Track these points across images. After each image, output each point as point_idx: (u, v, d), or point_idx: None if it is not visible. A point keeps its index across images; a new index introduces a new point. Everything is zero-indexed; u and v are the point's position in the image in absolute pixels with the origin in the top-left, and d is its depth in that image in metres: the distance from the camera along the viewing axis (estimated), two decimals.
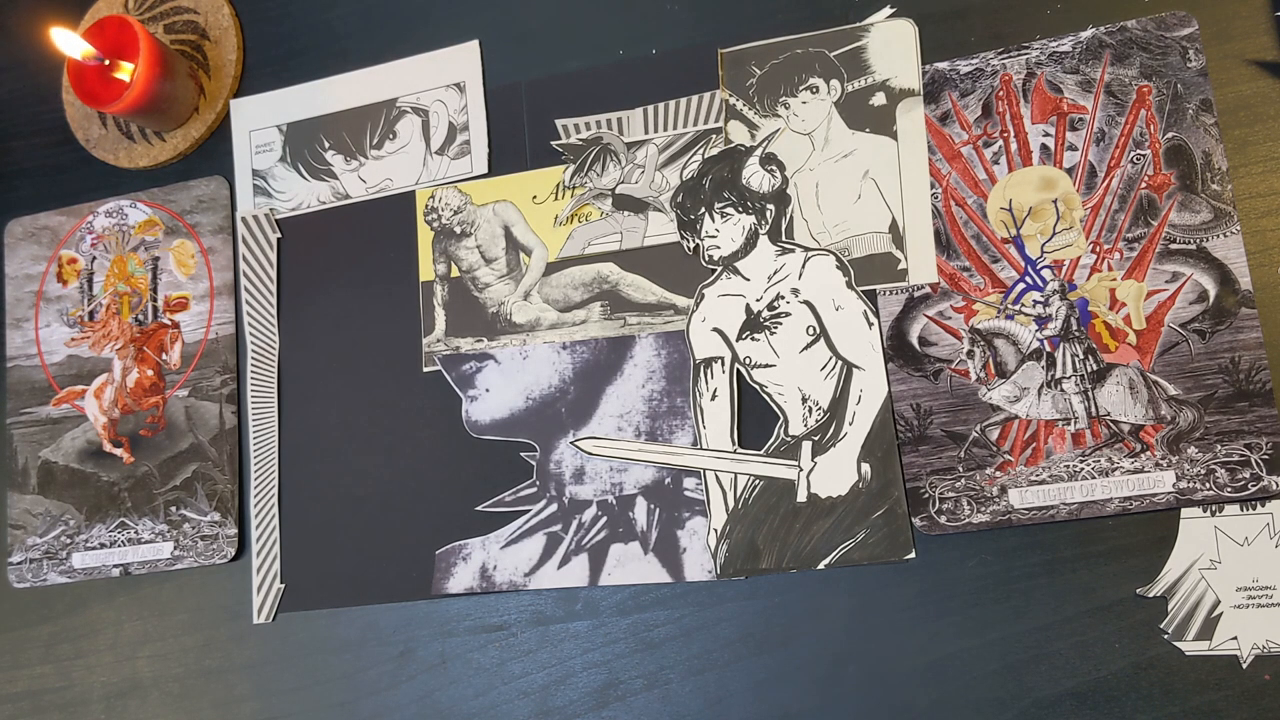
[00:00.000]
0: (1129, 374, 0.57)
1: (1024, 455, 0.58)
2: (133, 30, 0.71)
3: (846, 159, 0.63)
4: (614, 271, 0.66)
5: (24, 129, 0.81)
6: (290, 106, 0.74)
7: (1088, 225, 0.59)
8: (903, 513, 0.59)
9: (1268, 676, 0.54)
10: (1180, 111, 0.58)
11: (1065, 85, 0.60)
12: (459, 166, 0.70)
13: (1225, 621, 0.54)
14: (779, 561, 0.60)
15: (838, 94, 0.64)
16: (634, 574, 0.62)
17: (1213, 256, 0.57)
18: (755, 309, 0.63)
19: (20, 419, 0.75)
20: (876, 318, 0.61)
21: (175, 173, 0.76)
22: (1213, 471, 0.55)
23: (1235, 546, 0.55)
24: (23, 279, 0.77)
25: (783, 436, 0.61)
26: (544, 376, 0.66)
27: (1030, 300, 0.59)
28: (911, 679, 0.58)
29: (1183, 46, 0.59)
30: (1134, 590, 0.56)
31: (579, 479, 0.64)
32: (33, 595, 0.73)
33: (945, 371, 0.60)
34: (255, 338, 0.72)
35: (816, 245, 0.63)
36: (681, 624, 0.62)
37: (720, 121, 0.65)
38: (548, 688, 0.63)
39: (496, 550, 0.65)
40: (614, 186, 0.67)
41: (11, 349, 0.77)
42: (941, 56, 0.62)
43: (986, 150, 0.61)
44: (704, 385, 0.63)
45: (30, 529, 0.73)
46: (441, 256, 0.69)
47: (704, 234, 0.64)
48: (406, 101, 0.72)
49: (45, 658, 0.73)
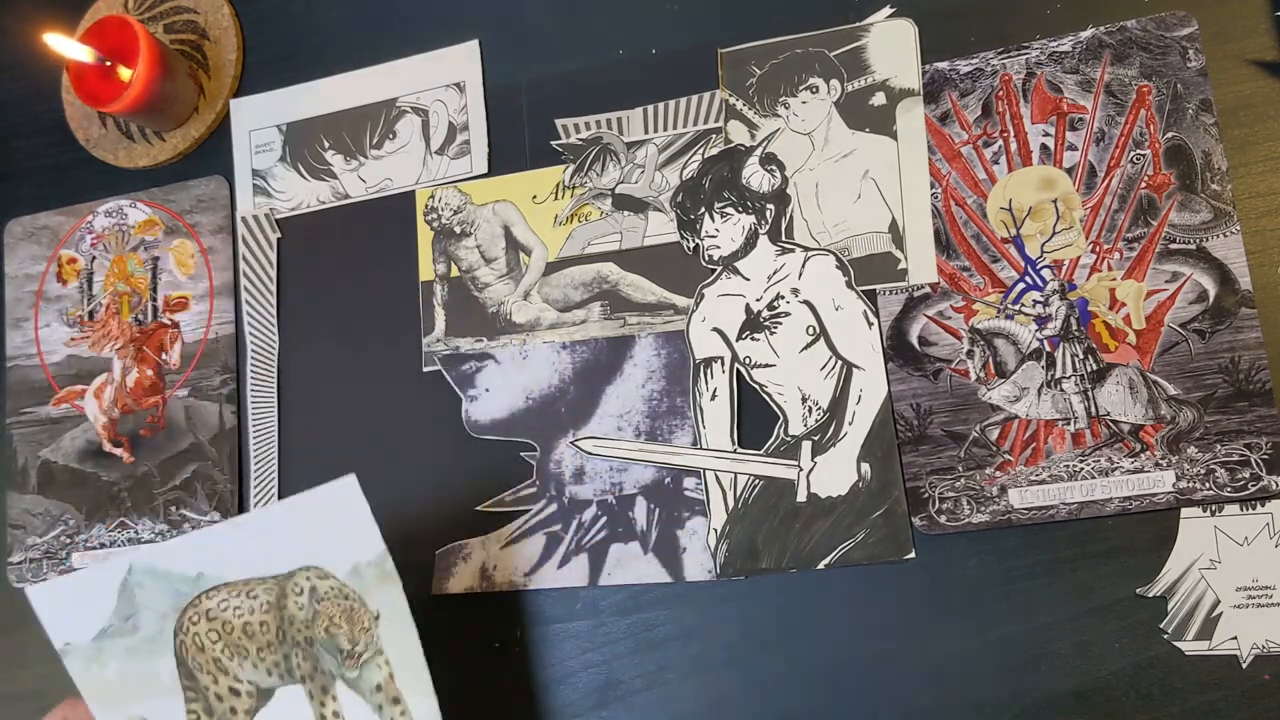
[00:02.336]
0: (1129, 374, 0.57)
1: (1024, 455, 0.58)
2: (133, 30, 0.70)
3: (846, 159, 0.63)
4: (614, 271, 0.66)
5: (24, 129, 0.81)
6: (290, 106, 0.74)
7: (1088, 225, 0.59)
8: (903, 512, 0.59)
9: (1267, 676, 0.54)
10: (1180, 111, 0.58)
11: (1065, 85, 0.60)
12: (459, 166, 0.70)
13: (1225, 621, 0.54)
14: (779, 561, 0.60)
15: (838, 94, 0.64)
16: (634, 574, 0.62)
17: (1212, 256, 0.57)
18: (755, 309, 0.63)
19: (20, 419, 0.75)
20: (876, 317, 0.61)
21: (175, 173, 0.76)
22: (1212, 471, 0.55)
23: (1235, 546, 0.55)
24: (22, 279, 0.77)
25: (783, 436, 0.61)
26: (544, 376, 0.66)
27: (1030, 300, 0.59)
28: (911, 679, 0.58)
29: (1183, 46, 0.59)
30: (1134, 590, 0.56)
31: (579, 479, 0.64)
32: None
33: (945, 371, 0.60)
34: (255, 338, 0.72)
35: (816, 245, 0.63)
36: (681, 624, 0.62)
37: (720, 121, 0.65)
38: (548, 688, 0.63)
39: (496, 550, 0.65)
40: (614, 186, 0.67)
41: (11, 349, 0.77)
42: (941, 56, 0.62)
43: (986, 150, 0.61)
44: (704, 385, 0.63)
45: (30, 529, 0.73)
46: (441, 256, 0.69)
47: (704, 234, 0.64)
48: (406, 101, 0.72)
49: (45, 657, 0.72)
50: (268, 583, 0.56)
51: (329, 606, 0.55)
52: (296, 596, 0.55)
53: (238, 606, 0.56)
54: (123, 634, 0.56)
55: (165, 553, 0.56)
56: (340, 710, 0.56)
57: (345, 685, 0.56)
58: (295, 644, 0.56)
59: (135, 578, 0.56)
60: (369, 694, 0.55)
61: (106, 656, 0.56)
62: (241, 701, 0.56)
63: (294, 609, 0.55)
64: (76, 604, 0.56)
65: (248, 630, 0.56)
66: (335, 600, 0.55)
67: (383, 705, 0.55)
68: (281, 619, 0.56)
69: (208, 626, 0.56)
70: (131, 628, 0.56)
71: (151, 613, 0.56)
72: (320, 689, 0.56)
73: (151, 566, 0.55)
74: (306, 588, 0.55)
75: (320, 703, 0.56)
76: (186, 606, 0.56)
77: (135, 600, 0.56)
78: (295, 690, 0.56)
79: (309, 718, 0.56)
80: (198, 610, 0.56)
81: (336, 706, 0.56)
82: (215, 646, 0.56)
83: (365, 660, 0.55)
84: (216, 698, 0.56)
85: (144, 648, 0.56)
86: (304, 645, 0.55)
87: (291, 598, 0.55)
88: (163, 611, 0.56)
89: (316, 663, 0.55)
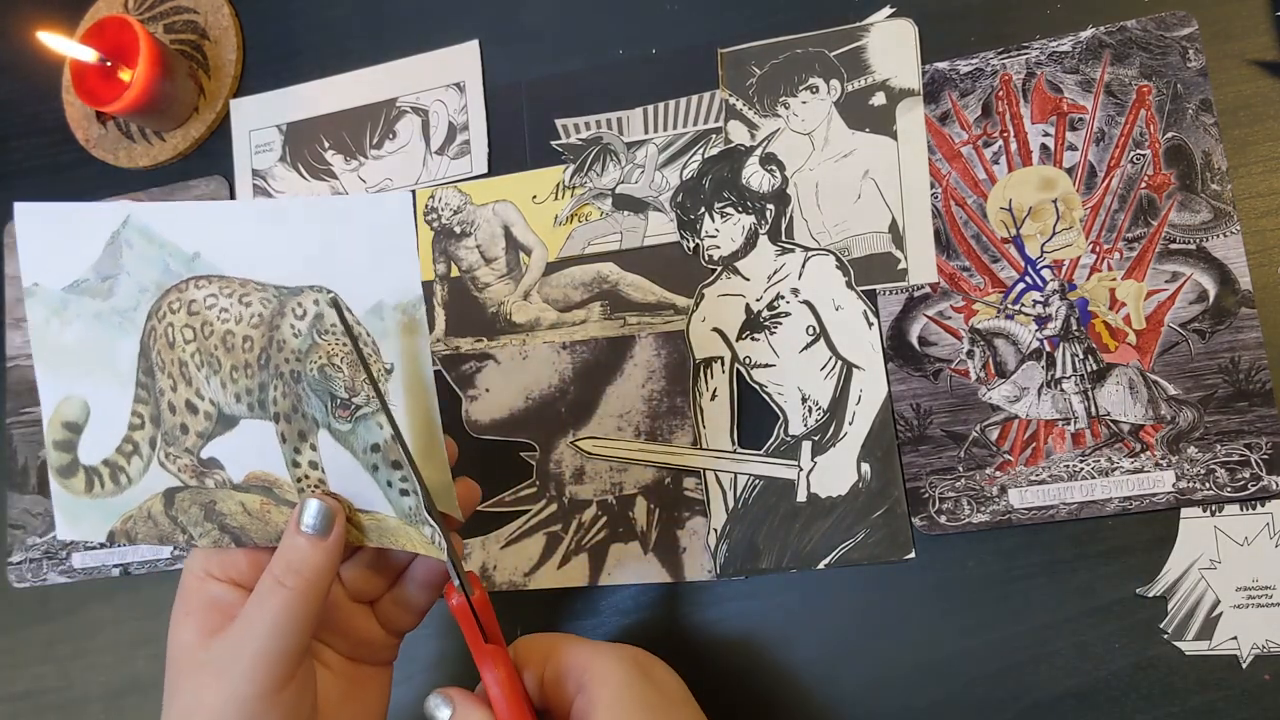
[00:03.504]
0: (1129, 374, 0.57)
1: (1024, 455, 0.58)
2: (133, 30, 0.71)
3: (846, 159, 0.63)
4: (614, 271, 0.66)
5: (24, 129, 0.81)
6: (290, 106, 0.74)
7: (1088, 225, 0.59)
8: (903, 513, 0.59)
9: (1267, 676, 0.54)
10: (1180, 111, 0.58)
11: (1065, 85, 0.60)
12: (459, 166, 0.70)
13: (1225, 621, 0.54)
14: (779, 561, 0.60)
15: (838, 94, 0.64)
16: (634, 574, 0.62)
17: (1213, 256, 0.57)
18: (755, 309, 0.63)
19: (20, 419, 0.75)
20: (876, 318, 0.61)
21: (175, 173, 0.76)
22: (1212, 471, 0.55)
23: (1235, 546, 0.55)
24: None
25: (783, 436, 0.61)
26: (544, 376, 0.66)
27: (1030, 300, 0.59)
28: (911, 679, 0.58)
29: (1183, 46, 0.59)
30: (1134, 590, 0.56)
31: (579, 479, 0.64)
32: (32, 595, 0.73)
33: (945, 371, 0.60)
34: None
35: (816, 245, 0.63)
36: (681, 624, 0.62)
37: (720, 121, 0.65)
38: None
39: (496, 550, 0.65)
40: (614, 186, 0.67)
41: (11, 349, 0.77)
42: (941, 56, 0.62)
43: (986, 150, 0.61)
44: (704, 385, 0.63)
45: (30, 529, 0.73)
46: (441, 256, 0.69)
47: (704, 234, 0.64)
48: (406, 101, 0.72)
49: (45, 657, 0.72)
50: (268, 292, 0.46)
51: (331, 342, 0.45)
52: (296, 320, 0.45)
53: (225, 309, 0.46)
54: (95, 294, 0.47)
55: (166, 215, 0.46)
56: (319, 461, 0.47)
57: (331, 437, 0.46)
58: (278, 374, 0.46)
59: (127, 233, 0.46)
60: (361, 452, 0.46)
61: (70, 314, 0.47)
62: (196, 421, 0.47)
63: (288, 333, 0.46)
64: (60, 241, 0.47)
65: (227, 341, 0.46)
66: (339, 338, 0.45)
67: (378, 466, 0.46)
68: (270, 340, 0.46)
69: (185, 320, 0.47)
70: (107, 290, 0.47)
71: (132, 281, 0.47)
72: (297, 434, 0.46)
73: (147, 227, 0.46)
74: (311, 312, 0.45)
75: (295, 449, 0.47)
76: (170, 289, 0.46)
77: (120, 259, 0.46)
78: (264, 427, 0.47)
79: (275, 460, 0.47)
80: (181, 298, 0.46)
81: (314, 456, 0.47)
82: (187, 348, 0.47)
83: (361, 415, 0.45)
84: (170, 408, 0.47)
85: (112, 319, 0.47)
86: (288, 379, 0.46)
87: (290, 319, 0.45)
88: (144, 285, 0.46)
89: (298, 403, 0.46)
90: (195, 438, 0.48)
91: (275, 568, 0.45)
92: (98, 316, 0.47)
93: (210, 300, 0.46)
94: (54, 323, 0.47)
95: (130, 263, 0.46)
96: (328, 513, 0.45)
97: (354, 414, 0.45)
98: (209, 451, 0.48)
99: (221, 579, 0.47)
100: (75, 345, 0.47)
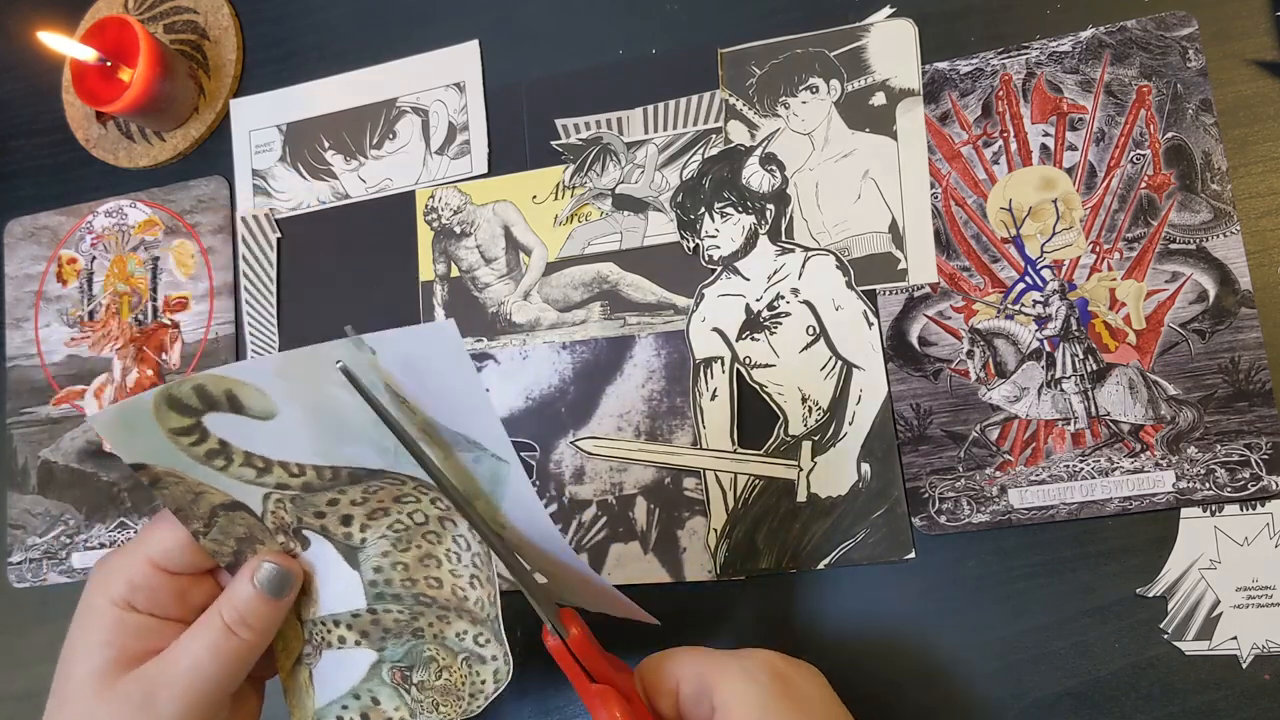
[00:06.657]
0: (1129, 374, 0.57)
1: (1024, 455, 0.58)
2: (133, 30, 0.70)
3: (846, 159, 0.63)
4: (614, 271, 0.66)
5: (24, 129, 0.81)
6: (290, 106, 0.74)
7: (1087, 225, 0.59)
8: (903, 513, 0.59)
9: (1267, 676, 0.54)
10: (1180, 111, 0.58)
11: (1065, 85, 0.60)
12: (459, 166, 0.70)
13: (1225, 621, 0.54)
14: (779, 561, 0.60)
15: (838, 94, 0.64)
16: (634, 574, 0.62)
17: (1213, 256, 0.57)
18: (755, 309, 0.63)
19: (20, 419, 0.75)
20: (876, 318, 0.61)
21: (175, 173, 0.76)
22: (1212, 471, 0.55)
23: (1235, 546, 0.55)
24: (22, 279, 0.77)
25: (783, 436, 0.61)
26: (544, 376, 0.66)
27: (1030, 300, 0.59)
28: (911, 679, 0.58)
29: (1182, 46, 0.59)
30: (1134, 590, 0.56)
31: (579, 479, 0.64)
32: (33, 595, 0.73)
33: (945, 371, 0.60)
34: (255, 338, 0.72)
35: (816, 245, 0.63)
36: (681, 624, 0.62)
37: (720, 121, 0.65)
38: (548, 688, 0.63)
39: None
40: (614, 186, 0.67)
41: (11, 349, 0.77)
42: (941, 56, 0.62)
43: (986, 150, 0.61)
44: (704, 385, 0.63)
45: (30, 529, 0.73)
46: (441, 256, 0.69)
47: (704, 234, 0.64)
48: (406, 101, 0.72)
49: (45, 658, 0.72)
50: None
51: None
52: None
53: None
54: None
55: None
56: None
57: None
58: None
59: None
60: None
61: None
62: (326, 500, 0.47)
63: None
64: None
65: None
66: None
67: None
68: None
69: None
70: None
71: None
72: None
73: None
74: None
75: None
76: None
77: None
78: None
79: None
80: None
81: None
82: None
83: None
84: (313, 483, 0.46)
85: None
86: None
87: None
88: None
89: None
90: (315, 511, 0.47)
91: (227, 615, 0.46)
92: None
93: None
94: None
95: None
96: (289, 575, 0.47)
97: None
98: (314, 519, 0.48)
99: (142, 611, 0.47)
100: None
